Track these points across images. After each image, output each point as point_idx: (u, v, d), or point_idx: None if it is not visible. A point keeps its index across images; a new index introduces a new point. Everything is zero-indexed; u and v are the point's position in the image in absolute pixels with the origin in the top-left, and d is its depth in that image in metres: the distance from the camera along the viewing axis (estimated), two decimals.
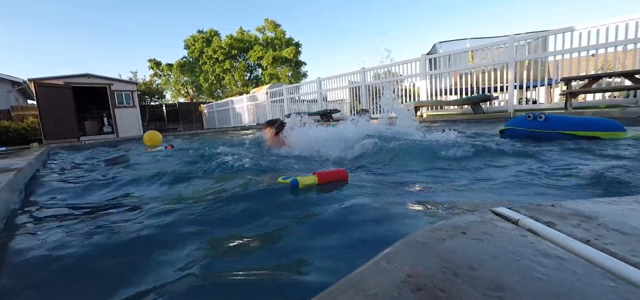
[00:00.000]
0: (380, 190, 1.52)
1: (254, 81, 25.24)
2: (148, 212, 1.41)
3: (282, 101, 11.73)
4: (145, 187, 2.06)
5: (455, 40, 10.66)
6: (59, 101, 11.45)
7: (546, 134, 2.70)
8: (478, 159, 2.10)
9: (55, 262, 0.99)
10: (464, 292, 0.38)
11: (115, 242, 1.13)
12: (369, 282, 0.42)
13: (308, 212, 1.26)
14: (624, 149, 2.13)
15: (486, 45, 6.70)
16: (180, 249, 1.01)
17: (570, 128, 2.60)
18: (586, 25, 5.06)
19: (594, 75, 4.90)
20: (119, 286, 0.84)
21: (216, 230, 1.16)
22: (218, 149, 2.99)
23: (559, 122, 2.68)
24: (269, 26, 24.63)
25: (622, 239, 0.50)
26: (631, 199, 0.70)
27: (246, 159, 2.37)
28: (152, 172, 2.32)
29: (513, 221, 0.60)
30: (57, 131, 11.14)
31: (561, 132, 2.62)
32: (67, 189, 2.25)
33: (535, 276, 0.41)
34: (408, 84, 8.08)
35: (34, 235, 1.28)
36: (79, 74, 12.35)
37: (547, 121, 2.68)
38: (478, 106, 6.19)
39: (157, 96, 20.62)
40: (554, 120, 2.69)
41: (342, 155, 2.59)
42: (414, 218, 1.13)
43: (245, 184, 1.70)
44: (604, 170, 1.52)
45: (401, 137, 2.76)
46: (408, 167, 2.10)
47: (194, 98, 25.44)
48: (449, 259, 0.47)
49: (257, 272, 0.84)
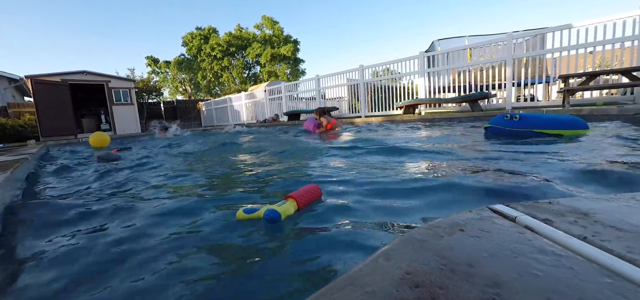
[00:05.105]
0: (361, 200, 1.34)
1: (252, 79, 25.13)
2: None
3: (281, 99, 11.70)
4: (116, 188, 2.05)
5: (453, 38, 10.65)
6: (56, 98, 11.38)
7: (521, 132, 2.91)
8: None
9: (54, 260, 0.99)
10: (462, 288, 0.39)
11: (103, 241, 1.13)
12: (367, 279, 0.42)
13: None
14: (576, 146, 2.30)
15: (484, 43, 6.70)
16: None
17: (540, 127, 2.84)
18: (584, 22, 5.06)
19: (591, 73, 4.91)
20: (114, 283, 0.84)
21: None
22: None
23: (531, 121, 2.90)
24: (267, 23, 24.51)
25: (618, 236, 0.50)
26: (628, 196, 0.70)
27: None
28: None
29: (510, 218, 0.60)
30: (54, 128, 11.08)
31: (532, 131, 2.86)
32: (62, 186, 2.24)
33: (532, 273, 0.41)
34: (406, 82, 8.07)
35: (32, 235, 1.27)
36: (76, 71, 12.28)
37: (522, 120, 2.90)
38: (476, 104, 6.19)
39: (155, 94, 20.49)
40: (527, 119, 2.90)
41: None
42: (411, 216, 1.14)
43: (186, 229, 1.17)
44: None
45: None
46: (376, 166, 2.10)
47: (192, 96, 25.32)
48: (446, 256, 0.47)
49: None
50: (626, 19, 4.71)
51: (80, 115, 13.74)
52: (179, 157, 3.71)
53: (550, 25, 5.56)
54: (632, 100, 4.94)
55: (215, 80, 24.70)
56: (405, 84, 8.09)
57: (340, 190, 1.55)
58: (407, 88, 7.98)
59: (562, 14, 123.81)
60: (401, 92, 8.05)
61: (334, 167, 2.24)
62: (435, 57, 7.29)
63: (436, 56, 7.28)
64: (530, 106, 5.88)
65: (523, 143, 2.64)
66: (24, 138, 10.23)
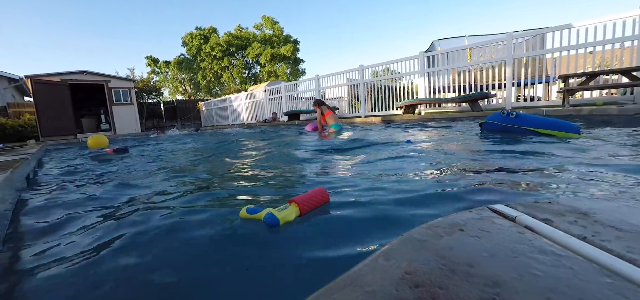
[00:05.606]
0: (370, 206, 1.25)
1: (252, 78, 25.13)
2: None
3: (281, 99, 11.70)
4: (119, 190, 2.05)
5: (453, 38, 10.65)
6: (55, 98, 11.38)
7: (516, 129, 3.06)
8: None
9: (52, 258, 0.99)
10: (462, 288, 0.39)
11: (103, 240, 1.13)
12: (367, 278, 0.42)
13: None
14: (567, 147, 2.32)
15: (484, 43, 6.70)
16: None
17: (534, 126, 2.98)
18: (584, 22, 5.06)
19: (591, 73, 4.91)
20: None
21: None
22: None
23: (526, 120, 3.04)
24: (267, 23, 24.50)
25: (618, 236, 0.50)
26: (628, 196, 0.70)
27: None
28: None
29: (510, 218, 0.60)
30: (54, 128, 11.08)
31: (527, 129, 3.00)
32: (62, 186, 2.24)
33: (532, 273, 0.41)
34: (406, 82, 8.07)
35: (32, 235, 1.27)
36: (76, 71, 12.28)
37: (518, 118, 3.06)
38: (476, 103, 6.19)
39: (155, 93, 20.50)
40: (522, 118, 3.06)
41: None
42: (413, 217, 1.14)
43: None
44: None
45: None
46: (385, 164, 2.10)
47: (192, 95, 25.32)
48: (446, 256, 0.47)
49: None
50: (626, 19, 4.71)
51: (80, 115, 13.75)
52: (179, 158, 3.71)
53: (550, 25, 5.56)
54: (632, 100, 4.94)
55: (215, 80, 24.70)
56: (405, 84, 8.08)
57: (339, 190, 1.55)
58: (407, 88, 7.98)
59: (562, 14, 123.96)
60: (401, 92, 8.05)
61: (332, 167, 2.24)
62: (435, 57, 7.29)
63: (436, 56, 7.28)
64: (530, 106, 5.88)
65: (522, 143, 2.64)
66: (24, 138, 10.23)
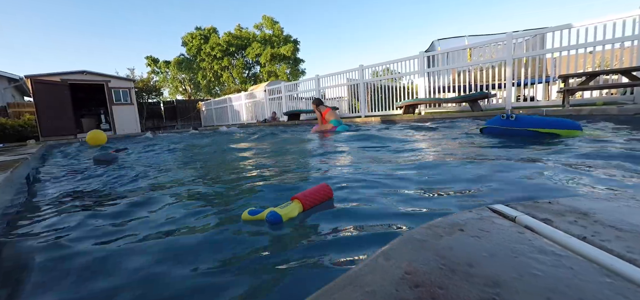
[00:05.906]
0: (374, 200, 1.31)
1: (252, 78, 25.12)
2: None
3: (281, 99, 11.70)
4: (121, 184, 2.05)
5: (453, 38, 10.65)
6: (55, 98, 11.38)
7: (516, 131, 3.04)
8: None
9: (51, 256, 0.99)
10: (462, 288, 0.39)
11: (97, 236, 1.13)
12: (367, 278, 0.42)
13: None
14: (578, 145, 2.33)
15: (484, 43, 6.70)
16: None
17: (535, 126, 2.95)
18: (584, 22, 5.06)
19: (591, 73, 4.91)
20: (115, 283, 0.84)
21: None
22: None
23: (526, 121, 3.04)
24: (267, 23, 24.49)
25: (618, 236, 0.50)
26: (628, 196, 0.70)
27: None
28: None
29: (510, 218, 0.60)
30: (54, 128, 11.08)
31: (528, 129, 2.98)
32: (62, 186, 2.24)
33: (532, 273, 0.41)
34: (406, 82, 8.07)
35: (32, 235, 1.27)
36: (76, 70, 12.28)
37: (517, 120, 3.05)
38: (476, 103, 6.19)
39: (155, 93, 20.49)
40: (522, 119, 3.05)
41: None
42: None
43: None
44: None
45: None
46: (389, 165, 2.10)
47: (191, 95, 25.32)
48: (446, 256, 0.47)
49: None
50: (626, 19, 4.71)
51: (80, 115, 13.74)
52: (178, 158, 3.71)
53: (550, 25, 5.56)
54: (632, 100, 4.94)
55: (215, 80, 24.69)
56: (405, 84, 8.08)
57: (339, 190, 1.55)
58: (407, 88, 7.98)
59: (562, 14, 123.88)
60: (401, 92, 8.05)
61: (332, 167, 2.24)
62: (435, 57, 7.29)
63: (436, 56, 7.28)
64: (530, 106, 5.88)
65: (522, 144, 2.64)
66: (24, 138, 10.23)
